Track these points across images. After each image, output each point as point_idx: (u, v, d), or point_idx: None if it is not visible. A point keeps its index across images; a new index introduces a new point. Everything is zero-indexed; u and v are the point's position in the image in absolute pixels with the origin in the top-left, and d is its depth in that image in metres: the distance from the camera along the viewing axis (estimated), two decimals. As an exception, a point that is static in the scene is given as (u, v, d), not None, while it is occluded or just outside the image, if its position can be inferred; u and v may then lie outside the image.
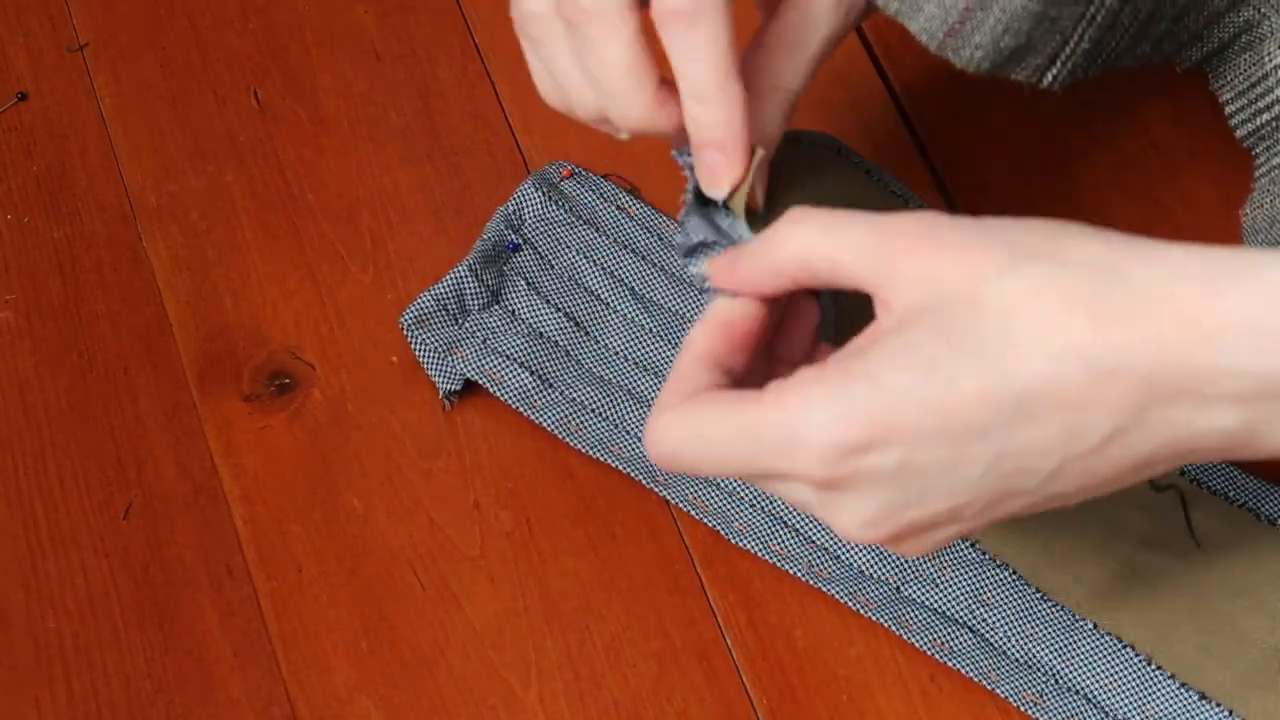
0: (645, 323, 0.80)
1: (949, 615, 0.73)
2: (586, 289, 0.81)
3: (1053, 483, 0.57)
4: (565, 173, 0.83)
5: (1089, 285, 0.54)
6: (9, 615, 0.76)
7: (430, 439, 0.79)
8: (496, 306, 0.80)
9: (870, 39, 0.87)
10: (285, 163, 0.86)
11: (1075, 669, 0.72)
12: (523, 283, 0.81)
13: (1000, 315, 0.55)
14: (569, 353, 0.79)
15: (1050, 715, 0.71)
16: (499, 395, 0.78)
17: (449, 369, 0.79)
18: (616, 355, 0.79)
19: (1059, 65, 0.68)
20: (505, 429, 0.79)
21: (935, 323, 0.56)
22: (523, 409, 0.78)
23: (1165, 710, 0.70)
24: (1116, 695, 0.71)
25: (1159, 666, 0.71)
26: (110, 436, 0.79)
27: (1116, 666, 0.71)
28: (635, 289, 0.81)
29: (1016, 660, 0.72)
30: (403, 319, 0.80)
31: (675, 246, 0.65)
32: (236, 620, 0.76)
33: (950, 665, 0.72)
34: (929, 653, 0.72)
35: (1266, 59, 0.71)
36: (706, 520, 0.75)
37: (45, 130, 0.88)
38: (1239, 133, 0.73)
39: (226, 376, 0.81)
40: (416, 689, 0.74)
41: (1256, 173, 0.73)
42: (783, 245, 0.59)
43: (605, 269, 0.81)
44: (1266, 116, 0.72)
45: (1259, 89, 0.72)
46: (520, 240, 0.81)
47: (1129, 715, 0.71)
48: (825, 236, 0.58)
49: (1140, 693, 0.71)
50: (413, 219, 0.84)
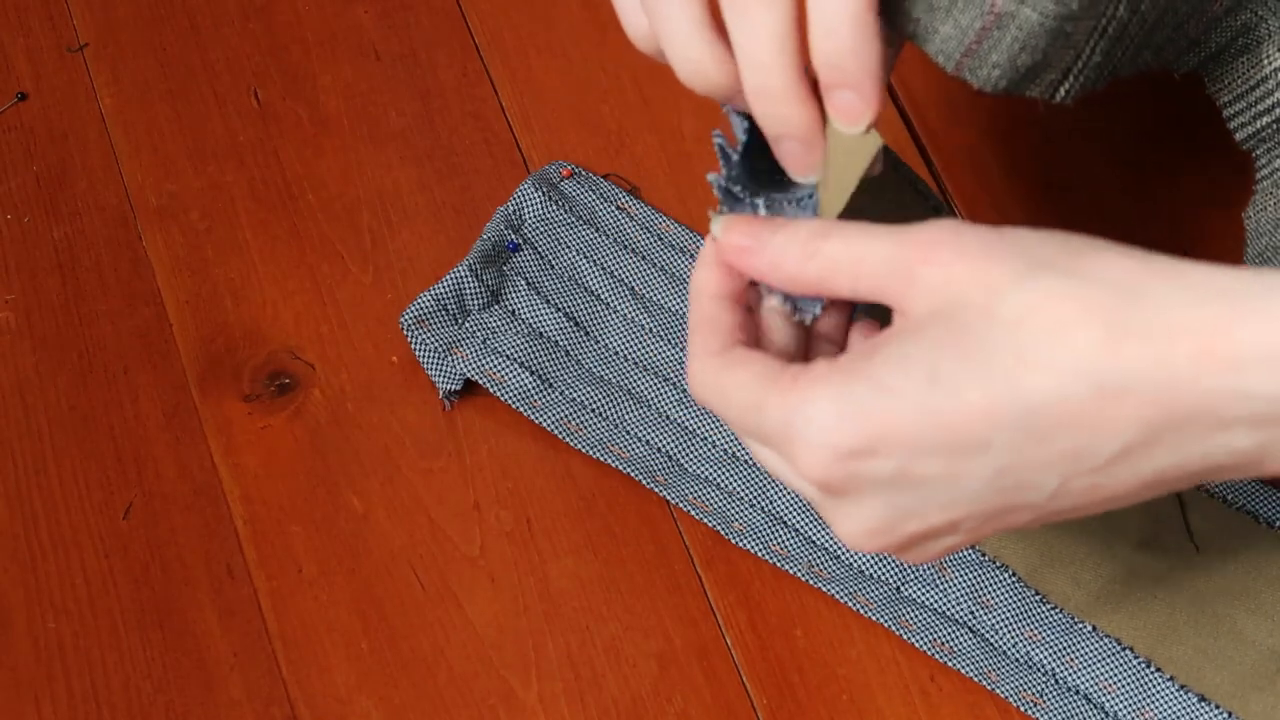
0: (645, 323, 0.80)
1: (949, 615, 0.73)
2: (586, 289, 0.81)
3: (1056, 499, 0.57)
4: (565, 173, 0.83)
5: (1105, 302, 0.53)
6: (9, 615, 0.76)
7: (430, 439, 0.79)
8: (496, 306, 0.80)
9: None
10: (285, 163, 0.86)
11: (1074, 671, 0.72)
12: (523, 283, 0.81)
13: (1012, 327, 0.54)
14: (569, 353, 0.79)
15: (1050, 715, 0.71)
16: (499, 395, 0.78)
17: (449, 369, 0.79)
18: (616, 355, 0.79)
19: (1071, 79, 0.68)
20: (505, 429, 0.79)
21: (946, 331, 0.55)
22: (523, 409, 0.78)
23: (1164, 712, 0.70)
24: (1115, 697, 0.71)
25: (1158, 668, 0.71)
26: (110, 436, 0.80)
27: (1116, 669, 0.71)
28: (635, 289, 0.81)
29: (1016, 660, 0.72)
30: (403, 319, 0.80)
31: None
32: (236, 620, 0.76)
33: (950, 665, 0.72)
34: (929, 653, 0.72)
35: (1265, 61, 0.71)
36: (706, 520, 0.75)
37: (45, 130, 0.88)
38: (1238, 135, 0.73)
39: (226, 376, 0.81)
40: (416, 689, 0.74)
41: (1258, 175, 0.73)
42: (808, 261, 0.59)
43: (605, 269, 0.81)
44: (1267, 119, 0.72)
45: (1258, 92, 0.72)
46: (520, 240, 0.81)
47: (1128, 717, 0.71)
48: (847, 250, 0.58)
49: (1139, 695, 0.71)
50: (413, 219, 0.84)
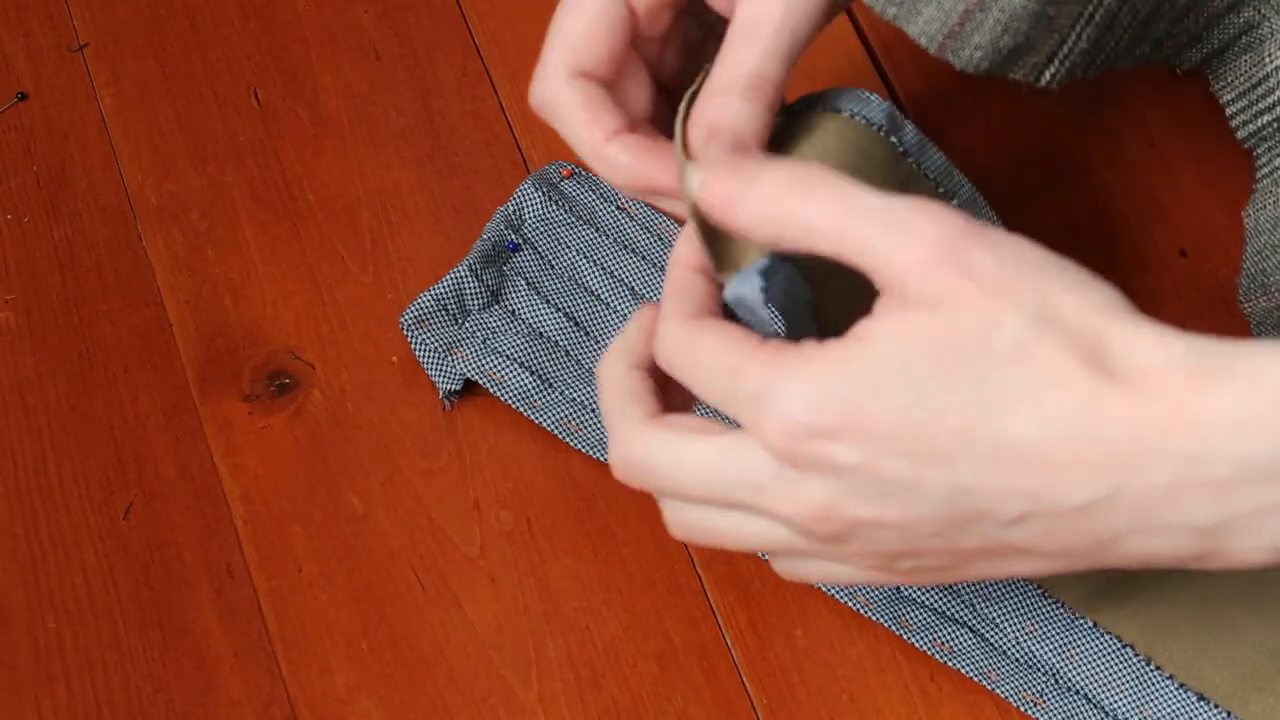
0: (645, 323, 0.80)
1: (949, 615, 0.73)
2: (586, 289, 0.81)
3: (1009, 531, 0.57)
4: (565, 172, 0.83)
5: (1092, 358, 0.55)
6: (9, 615, 0.76)
7: (430, 439, 0.79)
8: (496, 306, 0.80)
9: (870, 38, 0.87)
10: (285, 163, 0.86)
11: (1074, 667, 0.72)
12: (523, 283, 0.81)
13: (1003, 365, 0.55)
14: (569, 353, 0.79)
15: (1050, 715, 0.71)
16: (499, 395, 0.78)
17: (449, 369, 0.79)
18: (616, 355, 0.79)
19: (1056, 64, 0.68)
20: (505, 429, 0.79)
21: (939, 348, 0.56)
22: (523, 409, 0.78)
23: (1164, 711, 0.70)
24: (1115, 695, 0.71)
25: (1158, 667, 0.71)
26: (110, 436, 0.80)
27: (1115, 666, 0.71)
28: (635, 289, 0.81)
29: (1016, 660, 0.72)
30: (403, 319, 0.80)
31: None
32: (236, 620, 0.76)
33: (950, 665, 0.72)
34: (929, 653, 0.72)
35: (1267, 60, 0.71)
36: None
37: (45, 130, 0.88)
38: (1240, 134, 0.73)
39: (226, 376, 0.81)
40: (416, 689, 0.74)
41: (1258, 174, 0.74)
42: (799, 205, 0.58)
43: (605, 269, 0.81)
44: (1268, 118, 0.72)
45: (1259, 90, 0.72)
46: (520, 240, 0.81)
47: (1128, 715, 0.71)
48: (847, 214, 0.57)
49: (1139, 693, 0.71)
50: (413, 219, 0.84)
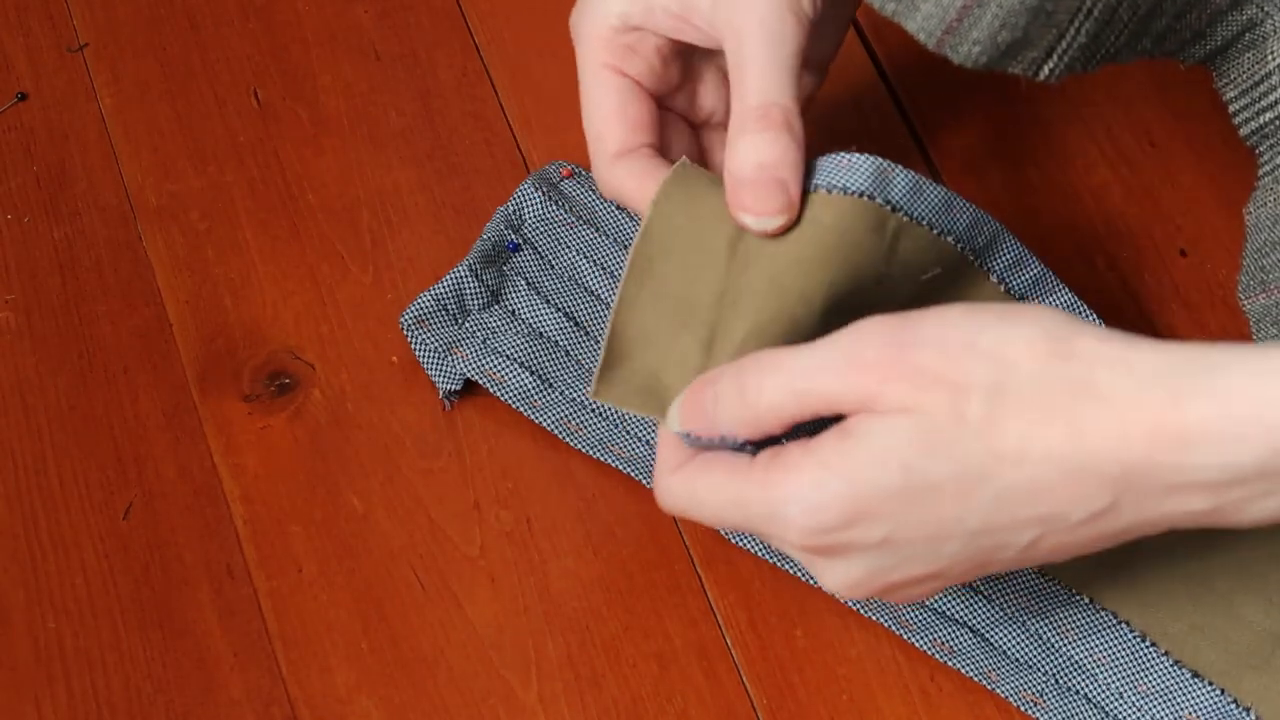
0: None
1: (949, 615, 0.73)
2: (586, 289, 0.81)
3: (1030, 551, 0.61)
4: (565, 172, 0.83)
5: (1063, 399, 0.58)
6: (9, 615, 0.76)
7: (430, 439, 0.79)
8: (496, 306, 0.80)
9: (870, 38, 0.87)
10: (285, 163, 0.86)
11: (1069, 642, 0.72)
12: (523, 283, 0.81)
13: (980, 426, 0.59)
14: (569, 353, 0.79)
15: (1050, 715, 0.71)
16: (499, 395, 0.78)
17: (449, 369, 0.79)
18: (616, 355, 0.79)
19: (1055, 59, 0.69)
20: (505, 429, 0.79)
21: (917, 432, 0.59)
22: (523, 409, 0.78)
23: (1157, 686, 0.71)
24: (1110, 670, 0.71)
25: (1153, 643, 0.71)
26: (110, 436, 0.80)
27: (1110, 641, 0.72)
28: (635, 289, 0.81)
29: (1016, 660, 0.72)
30: (403, 319, 0.80)
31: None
32: (236, 620, 0.76)
33: (950, 665, 0.72)
34: (929, 653, 0.72)
35: (1270, 57, 0.72)
36: (707, 520, 0.75)
37: (45, 130, 0.88)
38: (1242, 131, 0.74)
39: (226, 376, 0.81)
40: (416, 689, 0.74)
41: (1260, 171, 0.74)
42: (759, 400, 0.62)
43: (605, 269, 0.81)
44: (1270, 115, 0.73)
45: (1262, 87, 0.73)
46: (520, 240, 0.81)
47: (1122, 690, 0.71)
48: (800, 385, 0.61)
49: (1133, 668, 0.71)
50: (413, 219, 0.84)
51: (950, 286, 0.70)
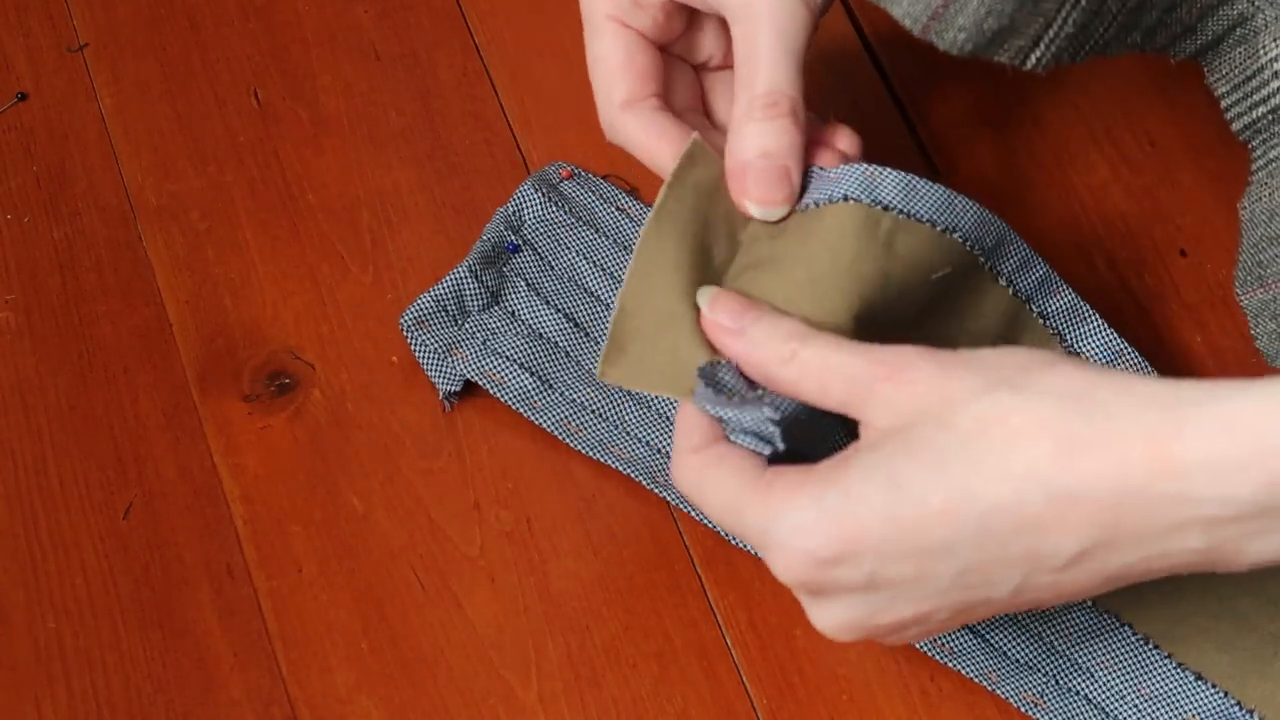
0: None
1: (949, 615, 0.73)
2: (586, 290, 0.81)
3: (1020, 594, 0.60)
4: (565, 173, 0.83)
5: (1055, 414, 0.56)
6: (9, 615, 0.76)
7: (430, 439, 0.79)
8: (496, 307, 0.80)
9: (869, 36, 0.87)
10: (285, 163, 0.86)
11: (1071, 644, 0.72)
12: (523, 284, 0.81)
13: (968, 439, 0.57)
14: (569, 354, 0.79)
15: (1050, 716, 0.71)
16: (499, 396, 0.78)
17: (449, 370, 0.79)
18: (616, 356, 0.79)
19: (1042, 48, 0.69)
20: (505, 429, 0.79)
21: (906, 442, 0.58)
22: (523, 410, 0.78)
23: (1160, 689, 0.71)
24: (1112, 672, 0.71)
25: (1156, 645, 0.71)
26: (110, 436, 0.80)
27: (1113, 643, 0.71)
28: (635, 289, 0.81)
29: (1017, 661, 0.72)
30: (402, 320, 0.80)
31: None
32: (236, 620, 0.76)
33: (950, 666, 0.72)
34: (929, 653, 0.72)
35: (1261, 52, 0.72)
36: (706, 521, 0.75)
37: (45, 130, 0.88)
38: (1235, 126, 0.74)
39: (226, 376, 0.81)
40: (416, 689, 0.74)
41: (1254, 166, 0.74)
42: (784, 364, 0.63)
43: (605, 270, 0.81)
44: (1262, 110, 0.73)
45: (1254, 82, 0.72)
46: (520, 241, 0.81)
47: (1124, 693, 0.71)
48: (819, 360, 0.62)
49: (1136, 670, 0.71)
50: (413, 219, 0.84)
51: (961, 288, 0.69)
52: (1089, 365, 0.58)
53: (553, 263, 0.81)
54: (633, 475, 0.77)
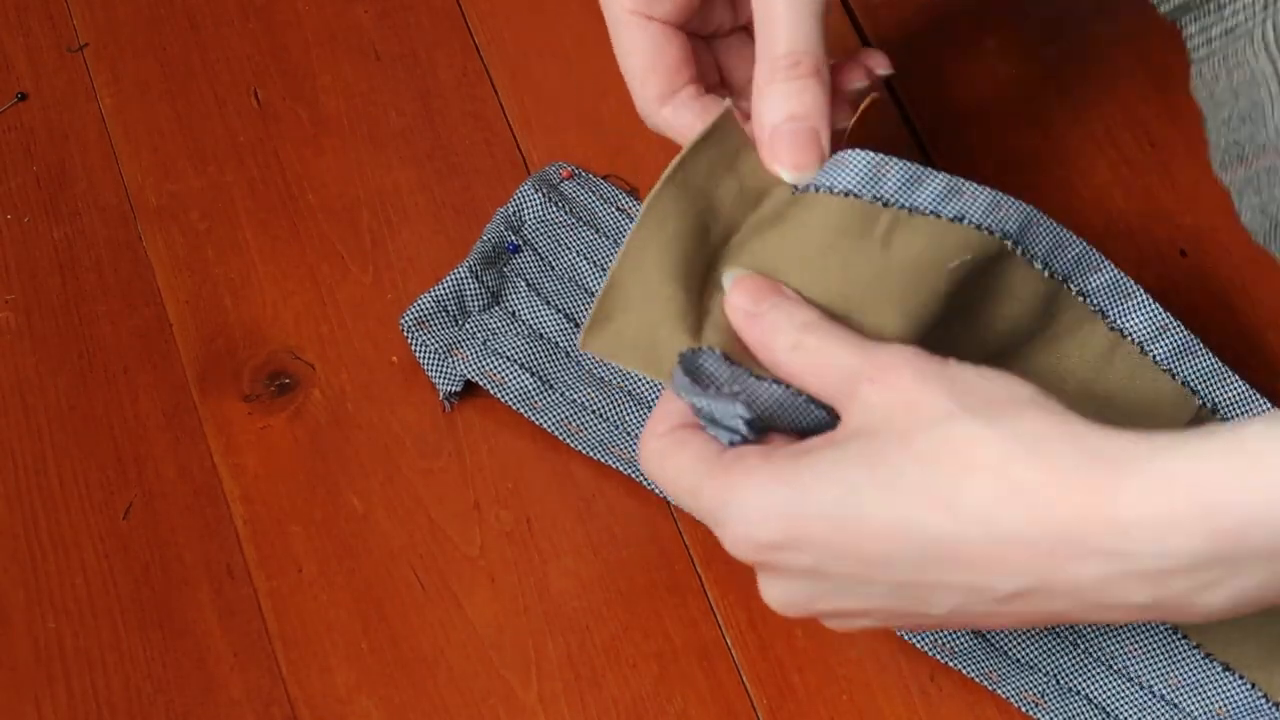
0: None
1: (949, 615, 0.73)
2: (587, 290, 0.81)
3: (958, 616, 0.60)
4: (565, 174, 0.83)
5: (1008, 456, 0.56)
6: (9, 615, 0.76)
7: (430, 439, 0.79)
8: (497, 308, 0.80)
9: (869, 35, 0.87)
10: (285, 163, 0.86)
11: (1099, 633, 0.71)
12: (523, 284, 0.81)
13: (923, 461, 0.58)
14: (569, 354, 0.79)
15: (1051, 716, 0.71)
16: (499, 397, 0.78)
17: (449, 370, 0.79)
18: (616, 356, 0.79)
19: None
20: (505, 429, 0.79)
21: (867, 451, 0.59)
22: (523, 410, 0.78)
23: (1188, 679, 0.70)
24: (1140, 663, 0.71)
25: (1184, 636, 0.71)
26: (110, 436, 0.79)
27: (1142, 634, 0.71)
28: (635, 289, 0.81)
29: (1018, 661, 0.72)
30: (403, 320, 0.80)
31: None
32: (236, 620, 0.76)
33: (951, 666, 0.72)
34: (929, 653, 0.72)
35: None
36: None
37: (45, 130, 0.88)
38: (1162, 9, 0.72)
39: (226, 376, 0.81)
40: (416, 689, 0.74)
41: (1192, 48, 0.72)
42: (791, 351, 0.63)
43: (605, 270, 0.81)
44: None
45: None
46: (520, 242, 0.81)
47: (1152, 684, 0.71)
48: (820, 351, 0.62)
49: (1165, 661, 0.71)
50: (413, 219, 0.84)
51: (991, 275, 0.69)
52: (1059, 411, 0.58)
53: (553, 263, 0.81)
54: (633, 475, 0.77)
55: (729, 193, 0.68)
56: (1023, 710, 0.71)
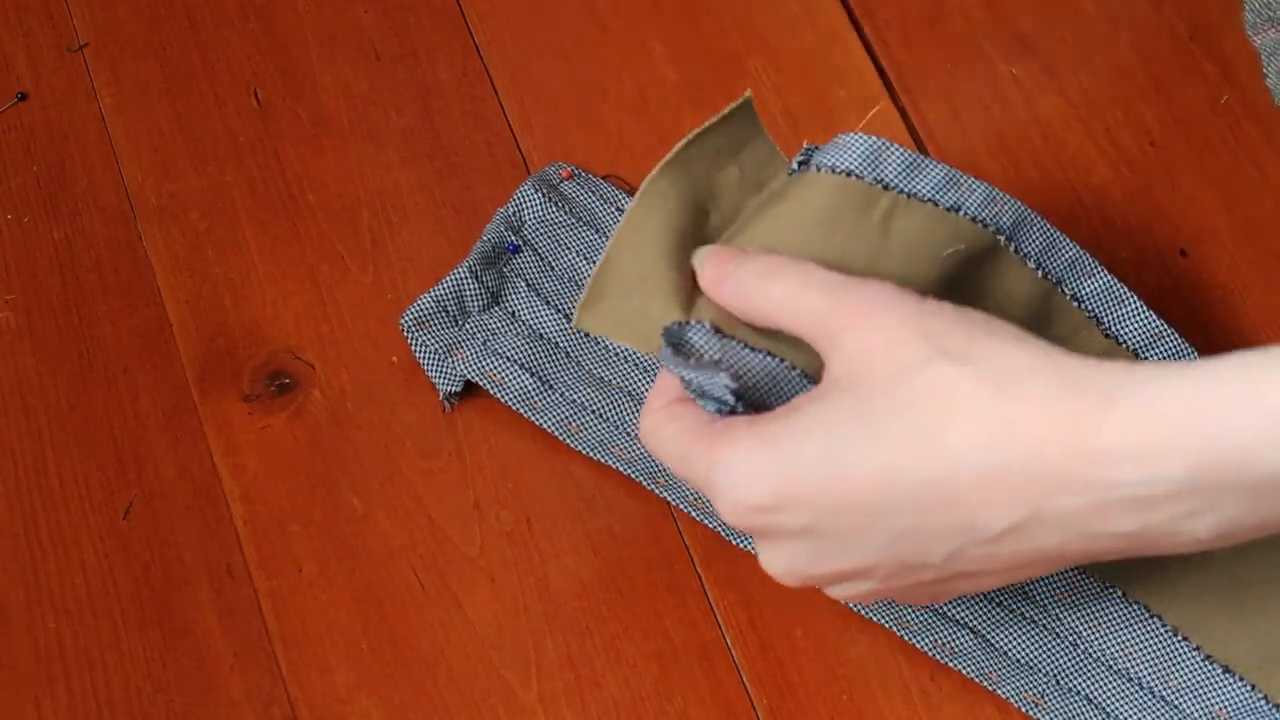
0: (645, 323, 0.80)
1: (950, 616, 0.73)
2: (587, 290, 0.81)
3: (952, 563, 0.61)
4: (565, 174, 0.83)
5: (992, 393, 0.57)
6: (9, 615, 0.76)
7: (430, 439, 0.79)
8: (497, 308, 0.80)
9: (867, 34, 0.87)
10: (285, 163, 0.86)
11: (1100, 634, 0.72)
12: (523, 284, 0.81)
13: (905, 408, 0.58)
14: (569, 354, 0.79)
15: (1051, 716, 0.71)
16: (499, 397, 0.78)
17: (449, 371, 0.79)
18: (616, 356, 0.79)
19: None
20: (505, 429, 0.79)
21: (850, 403, 0.59)
22: (523, 410, 0.78)
23: (1188, 681, 0.70)
24: (1140, 664, 0.71)
25: (1185, 637, 0.71)
26: (110, 436, 0.79)
27: (1142, 635, 0.71)
28: (635, 289, 0.81)
29: (1018, 661, 0.72)
30: (403, 321, 0.80)
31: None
32: (236, 620, 0.76)
33: (951, 666, 0.72)
34: (929, 653, 0.72)
35: None
36: (707, 521, 0.75)
37: (45, 130, 0.88)
38: None
39: (226, 376, 0.81)
40: (416, 689, 0.74)
41: None
42: (759, 298, 0.63)
43: (605, 269, 0.81)
44: None
45: None
46: (520, 242, 0.81)
47: (1152, 684, 0.71)
48: (788, 296, 0.63)
49: (1164, 662, 0.71)
50: (413, 219, 0.84)
51: (985, 269, 0.69)
52: (1031, 339, 0.59)
53: (553, 263, 0.81)
54: (633, 475, 0.77)
55: (730, 179, 0.69)
56: (1022, 710, 0.71)
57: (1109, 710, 0.71)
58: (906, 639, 0.73)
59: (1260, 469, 0.54)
